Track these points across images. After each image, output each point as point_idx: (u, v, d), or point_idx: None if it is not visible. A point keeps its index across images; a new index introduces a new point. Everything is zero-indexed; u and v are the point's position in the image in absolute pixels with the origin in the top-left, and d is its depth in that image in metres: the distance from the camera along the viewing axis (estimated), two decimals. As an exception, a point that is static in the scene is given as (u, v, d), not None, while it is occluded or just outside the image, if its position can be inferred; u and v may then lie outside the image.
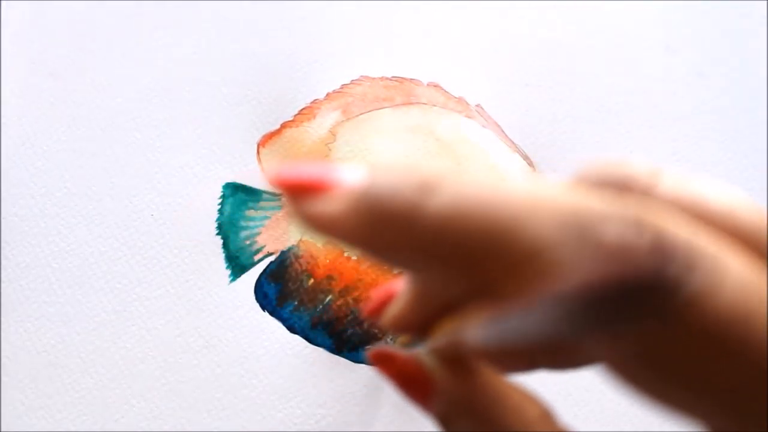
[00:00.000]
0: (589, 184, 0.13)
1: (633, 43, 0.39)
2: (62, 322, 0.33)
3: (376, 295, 0.17)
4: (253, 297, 0.34)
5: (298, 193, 0.13)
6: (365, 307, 0.17)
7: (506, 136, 0.37)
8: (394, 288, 0.16)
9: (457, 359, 0.15)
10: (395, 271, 0.34)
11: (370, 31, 0.39)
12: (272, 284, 0.34)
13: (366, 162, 0.35)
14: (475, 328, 0.12)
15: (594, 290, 0.10)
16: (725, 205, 0.12)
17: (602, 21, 0.39)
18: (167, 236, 0.35)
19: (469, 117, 0.37)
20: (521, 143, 0.36)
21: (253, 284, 0.34)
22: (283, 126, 0.37)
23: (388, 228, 0.12)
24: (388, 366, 0.16)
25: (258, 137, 0.36)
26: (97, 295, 0.34)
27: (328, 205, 0.12)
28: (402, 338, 0.17)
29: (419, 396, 0.15)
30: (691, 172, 0.13)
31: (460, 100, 0.37)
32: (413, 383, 0.15)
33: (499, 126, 0.37)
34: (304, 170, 0.13)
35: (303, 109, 0.37)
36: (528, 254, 0.11)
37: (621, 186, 0.12)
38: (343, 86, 0.37)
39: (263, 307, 0.33)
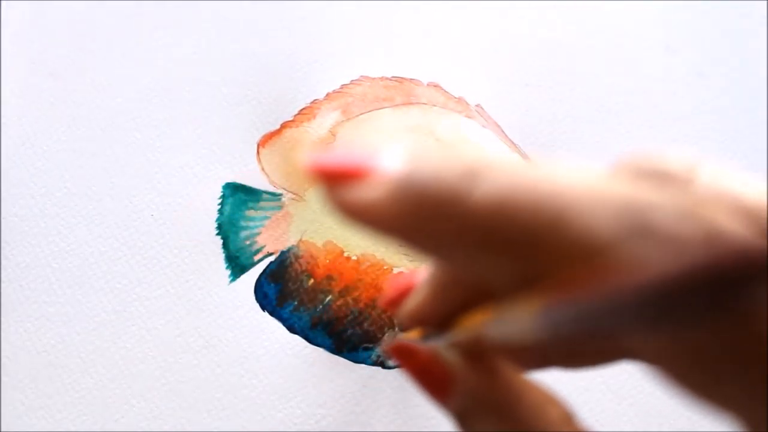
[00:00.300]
0: (630, 175, 0.12)
1: (633, 43, 0.39)
2: (62, 322, 0.33)
3: (394, 285, 0.16)
4: (253, 297, 0.34)
5: (335, 181, 0.12)
6: (382, 298, 0.16)
7: (506, 136, 0.37)
8: (412, 280, 0.16)
9: (477, 356, 0.14)
10: (395, 271, 0.34)
11: (370, 31, 0.39)
12: (272, 284, 0.34)
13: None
14: (522, 319, 0.12)
15: (666, 284, 0.09)
16: (763, 201, 0.12)
17: (602, 21, 0.39)
18: (167, 236, 0.35)
19: (469, 117, 0.37)
20: (521, 143, 0.36)
21: (253, 284, 0.34)
22: (283, 126, 0.37)
23: (432, 216, 0.11)
24: (408, 360, 0.15)
25: (258, 137, 0.36)
26: (97, 295, 0.34)
27: (367, 192, 0.12)
28: (412, 333, 0.16)
29: (438, 391, 0.15)
30: (728, 167, 0.13)
31: (460, 100, 0.37)
32: (433, 378, 0.15)
33: (499, 126, 0.37)
34: (341, 156, 0.12)
35: (303, 109, 0.37)
36: (584, 244, 0.10)
37: (661, 179, 0.12)
38: (343, 86, 0.37)
39: (263, 307, 0.33)
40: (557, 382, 0.17)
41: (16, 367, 0.32)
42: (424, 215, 0.11)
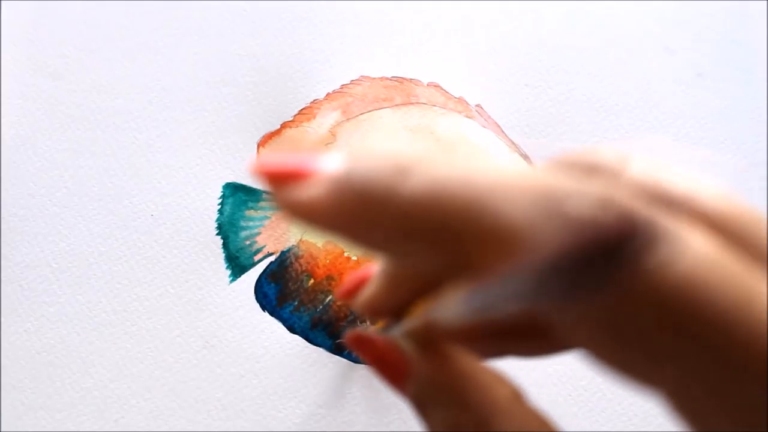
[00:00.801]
0: (560, 169, 0.13)
1: (633, 43, 0.39)
2: (62, 322, 0.33)
3: (349, 278, 0.17)
4: (253, 297, 0.34)
5: (280, 182, 0.13)
6: (338, 290, 0.17)
7: (506, 136, 0.37)
8: (367, 272, 0.16)
9: (431, 343, 0.15)
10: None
11: (370, 31, 0.39)
12: (272, 284, 0.34)
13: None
14: (452, 304, 0.12)
15: (561, 259, 0.10)
16: (690, 190, 0.12)
17: (602, 21, 0.39)
18: (167, 236, 0.35)
19: (469, 117, 0.37)
20: (521, 143, 0.36)
21: (253, 284, 0.34)
22: (283, 126, 0.37)
23: (366, 210, 0.12)
24: (365, 349, 0.16)
25: (258, 137, 0.36)
26: (97, 295, 0.34)
27: (308, 191, 0.12)
28: (379, 323, 0.17)
29: (395, 378, 0.15)
30: (660, 159, 0.13)
31: (460, 100, 0.37)
32: (389, 366, 0.15)
33: (499, 126, 0.37)
34: (285, 159, 0.13)
35: (303, 109, 0.37)
36: (501, 230, 0.11)
37: (590, 171, 0.13)
38: (343, 86, 0.37)
39: (263, 307, 0.33)
40: (558, 383, 0.17)
41: (16, 367, 0.32)
42: (360, 210, 0.12)
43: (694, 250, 0.10)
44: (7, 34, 0.38)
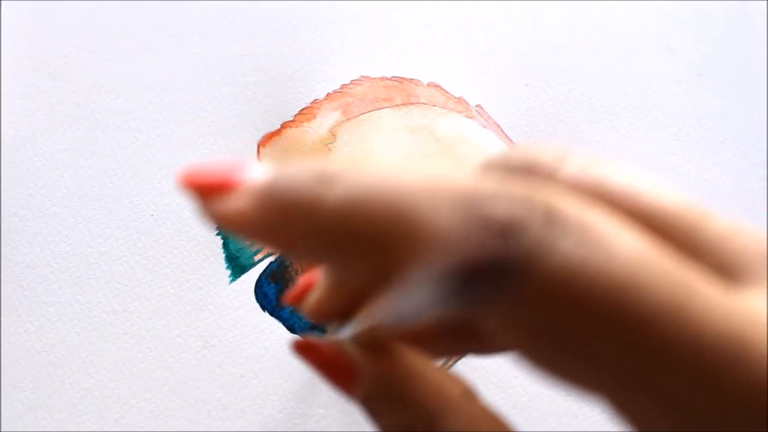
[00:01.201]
0: (493, 170, 0.13)
1: (633, 43, 0.39)
2: (62, 322, 0.33)
3: (298, 283, 0.17)
4: (253, 297, 0.34)
5: (205, 194, 0.13)
6: (287, 295, 0.17)
7: (506, 136, 0.37)
8: (314, 276, 0.16)
9: (377, 344, 0.15)
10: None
11: (370, 31, 0.39)
12: (272, 284, 0.34)
13: (357, 161, 0.35)
14: (375, 312, 0.12)
15: (466, 264, 0.10)
16: (627, 187, 0.12)
17: (602, 21, 0.39)
18: (167, 236, 0.35)
19: (469, 117, 0.37)
20: (521, 143, 0.36)
21: (253, 284, 0.34)
22: (283, 126, 0.37)
23: (289, 220, 0.12)
24: (310, 355, 0.16)
25: (258, 137, 0.36)
26: (97, 295, 0.34)
27: (233, 203, 0.12)
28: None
29: (343, 383, 0.15)
30: (598, 155, 0.13)
31: (460, 100, 0.37)
32: (336, 370, 0.15)
33: (499, 126, 0.37)
34: (210, 169, 0.13)
35: (303, 109, 0.37)
36: (420, 235, 0.11)
37: (526, 171, 0.13)
38: (343, 86, 0.37)
39: (263, 307, 0.33)
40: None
41: (16, 367, 0.32)
42: (284, 221, 0.12)
43: (619, 248, 0.10)
44: (7, 34, 0.38)
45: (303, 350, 0.16)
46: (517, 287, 0.10)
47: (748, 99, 0.38)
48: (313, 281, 0.17)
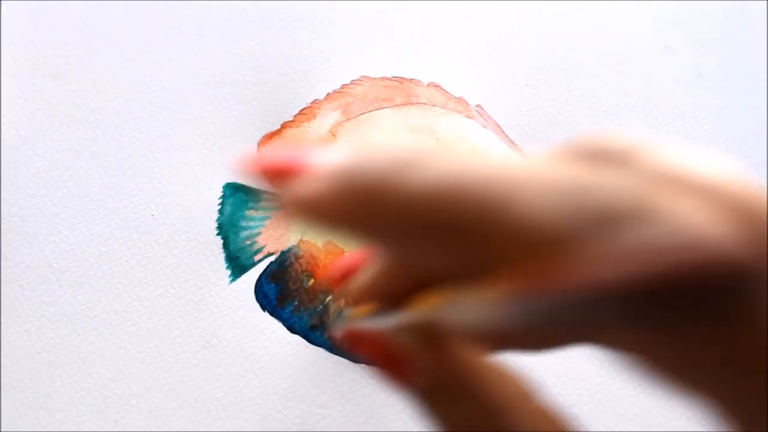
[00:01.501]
0: (568, 158, 0.12)
1: (633, 43, 0.39)
2: (62, 322, 0.33)
3: (339, 263, 0.16)
4: (253, 297, 0.34)
5: (279, 178, 0.12)
6: (324, 275, 0.16)
7: (506, 136, 0.37)
8: (358, 258, 0.15)
9: (432, 337, 0.14)
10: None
11: (370, 31, 0.39)
12: (272, 284, 0.34)
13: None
14: (478, 308, 0.11)
15: (653, 284, 0.09)
16: (708, 176, 0.11)
17: (602, 21, 0.39)
18: (167, 236, 0.35)
19: (469, 117, 0.37)
20: (521, 143, 0.36)
21: (253, 284, 0.34)
22: (283, 126, 0.37)
23: (371, 205, 0.11)
24: (365, 346, 0.15)
25: (258, 137, 0.36)
26: (97, 295, 0.34)
27: (309, 186, 0.12)
28: (360, 309, 0.16)
29: (398, 374, 0.15)
30: (667, 140, 0.12)
31: (460, 100, 0.37)
32: (391, 361, 0.15)
33: (499, 126, 0.37)
34: (285, 153, 0.12)
35: (303, 109, 0.37)
36: (537, 233, 0.10)
37: (597, 160, 0.12)
38: (343, 86, 0.37)
39: (263, 307, 0.33)
40: (558, 383, 0.17)
41: (16, 367, 0.32)
42: (364, 205, 0.11)
43: None
44: (7, 34, 0.38)
45: (355, 341, 0.15)
46: (728, 322, 0.09)
47: (748, 99, 0.38)
48: (357, 263, 0.16)
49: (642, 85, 0.38)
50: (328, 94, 0.37)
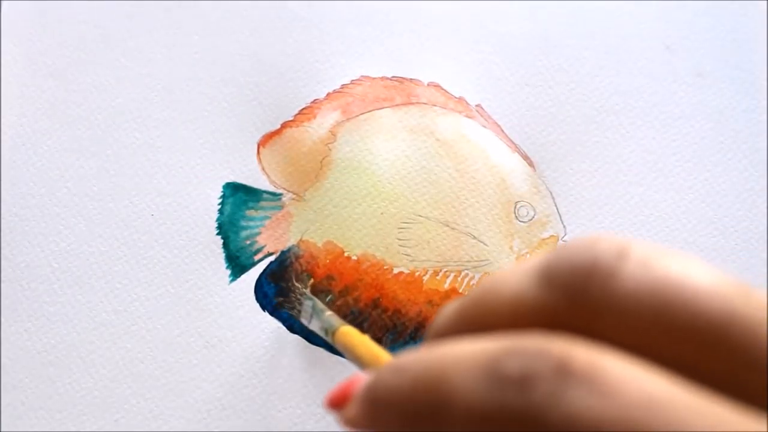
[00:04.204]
0: (551, 277, 0.13)
1: (633, 43, 0.39)
2: (62, 322, 0.33)
3: (337, 389, 0.18)
4: (253, 297, 0.34)
5: (335, 406, 0.17)
6: (326, 400, 0.18)
7: (506, 136, 0.37)
8: (355, 384, 0.17)
9: None
10: (395, 271, 0.34)
11: (370, 31, 0.39)
12: (272, 284, 0.34)
13: (366, 164, 0.35)
14: None
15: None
16: (688, 288, 0.12)
17: (602, 21, 0.39)
18: (167, 236, 0.35)
19: (469, 117, 0.37)
20: (521, 143, 0.36)
21: (253, 284, 0.34)
22: (284, 126, 0.37)
23: (385, 416, 0.15)
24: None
25: (258, 137, 0.36)
26: (97, 295, 0.34)
27: (349, 411, 0.16)
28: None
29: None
30: (661, 248, 0.13)
31: (460, 100, 0.37)
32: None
33: (499, 126, 0.37)
34: (340, 388, 0.17)
35: (303, 109, 0.37)
36: (456, 406, 0.13)
37: (587, 272, 0.13)
38: (343, 86, 0.37)
39: (263, 307, 0.33)
40: None
41: (16, 367, 0.32)
42: (380, 417, 0.15)
43: (627, 393, 0.11)
44: (7, 34, 0.38)
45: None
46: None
47: (748, 99, 0.38)
48: (351, 390, 0.18)
49: (642, 85, 0.38)
50: (328, 94, 0.37)
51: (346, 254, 0.34)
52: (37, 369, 0.32)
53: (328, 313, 0.28)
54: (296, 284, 0.33)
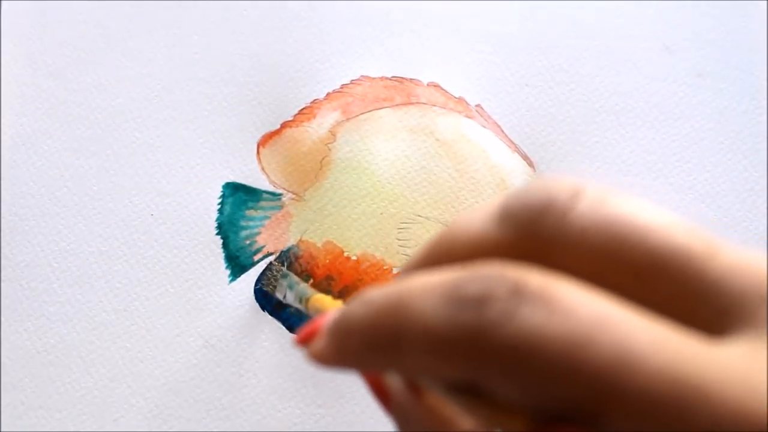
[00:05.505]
0: (508, 215, 0.14)
1: (632, 43, 0.39)
2: (62, 322, 0.33)
3: (304, 328, 0.19)
4: (253, 297, 0.34)
5: (303, 343, 0.17)
6: (294, 338, 0.19)
7: (506, 136, 0.37)
8: (321, 322, 0.18)
9: (417, 386, 0.18)
10: (395, 271, 0.34)
11: (370, 31, 0.39)
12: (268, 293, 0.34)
13: (366, 164, 0.36)
14: None
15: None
16: (638, 224, 0.13)
17: (602, 21, 0.39)
18: (167, 236, 0.35)
19: (469, 117, 0.37)
20: (521, 143, 0.36)
21: (253, 284, 0.34)
22: (283, 126, 0.37)
23: (349, 347, 0.15)
24: (367, 375, 0.19)
25: (258, 137, 0.36)
26: (97, 295, 0.34)
27: (316, 345, 0.16)
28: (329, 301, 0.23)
29: (382, 402, 0.18)
30: (611, 189, 0.14)
31: (460, 100, 0.37)
32: (379, 392, 0.18)
33: (499, 126, 0.37)
34: (307, 326, 0.17)
35: (303, 109, 0.37)
36: (415, 332, 0.13)
37: (542, 209, 0.13)
38: (343, 86, 0.37)
39: (263, 307, 0.33)
40: None
41: (16, 367, 0.32)
42: (346, 348, 0.15)
43: (576, 311, 0.11)
44: (7, 34, 0.39)
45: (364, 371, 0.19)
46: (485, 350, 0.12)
47: (748, 99, 0.38)
48: (317, 329, 0.18)
49: (642, 85, 0.38)
50: (328, 94, 0.37)
51: (345, 254, 0.34)
52: (37, 369, 0.32)
53: (303, 285, 0.28)
54: (273, 263, 0.34)
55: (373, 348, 0.14)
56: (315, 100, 0.37)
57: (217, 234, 0.35)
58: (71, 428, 0.31)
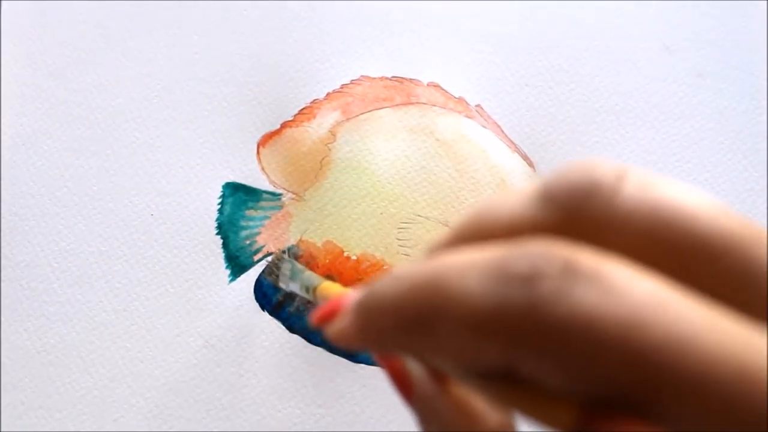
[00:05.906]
0: (550, 198, 0.13)
1: (632, 43, 0.39)
2: (62, 322, 0.33)
3: (325, 307, 0.18)
4: (253, 297, 0.34)
5: (323, 322, 0.16)
6: (313, 316, 0.18)
7: (506, 136, 0.37)
8: (342, 301, 0.17)
9: (436, 371, 0.17)
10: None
11: (370, 31, 0.39)
12: (272, 284, 0.34)
13: (366, 164, 0.36)
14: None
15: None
16: (685, 210, 0.12)
17: (602, 21, 0.39)
18: (167, 236, 0.35)
19: (469, 117, 0.37)
20: (521, 143, 0.36)
21: (253, 284, 0.34)
22: (283, 126, 0.37)
23: (376, 326, 0.14)
24: (390, 365, 0.18)
25: (258, 137, 0.36)
26: (97, 295, 0.34)
27: (339, 324, 0.15)
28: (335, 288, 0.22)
29: (405, 394, 0.18)
30: (658, 174, 0.13)
31: (460, 100, 0.37)
32: (402, 383, 0.18)
33: (499, 126, 0.37)
34: (328, 305, 0.17)
35: (303, 109, 0.37)
36: (456, 313, 0.13)
37: (586, 193, 0.13)
38: (343, 86, 0.37)
39: (263, 307, 0.33)
40: None
41: (16, 367, 0.32)
42: (372, 328, 0.14)
43: (630, 292, 0.11)
44: (7, 34, 0.39)
45: (385, 360, 0.18)
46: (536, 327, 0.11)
47: (748, 99, 0.38)
48: (339, 306, 0.17)
49: (642, 85, 0.38)
50: (328, 94, 0.37)
51: (345, 254, 0.34)
52: (37, 369, 0.32)
53: (308, 272, 0.28)
54: (277, 252, 0.34)
55: (405, 327, 0.13)
56: (315, 100, 0.37)
57: (217, 234, 0.35)
58: (71, 428, 0.31)
